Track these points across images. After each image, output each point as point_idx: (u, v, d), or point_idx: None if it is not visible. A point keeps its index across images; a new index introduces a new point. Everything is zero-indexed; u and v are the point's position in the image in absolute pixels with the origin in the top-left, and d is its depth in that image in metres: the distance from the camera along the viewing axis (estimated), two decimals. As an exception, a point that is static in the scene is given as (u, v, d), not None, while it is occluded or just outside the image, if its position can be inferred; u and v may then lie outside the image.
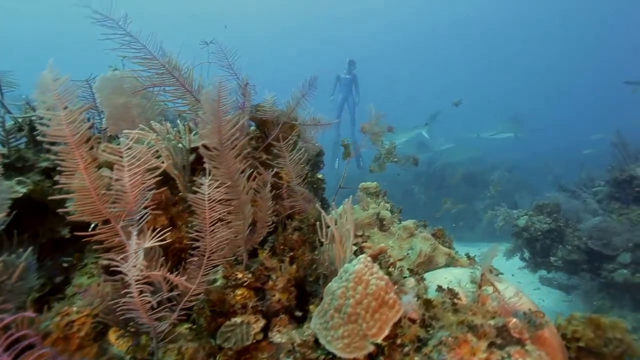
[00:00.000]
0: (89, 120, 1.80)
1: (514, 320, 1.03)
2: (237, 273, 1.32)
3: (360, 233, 2.07)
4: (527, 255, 5.14)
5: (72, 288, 1.29)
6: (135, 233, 0.90)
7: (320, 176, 3.37)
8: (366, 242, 2.02)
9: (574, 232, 4.79)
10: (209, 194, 1.09)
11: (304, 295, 1.49)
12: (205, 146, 1.15)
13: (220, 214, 1.14)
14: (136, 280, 0.87)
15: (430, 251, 1.79)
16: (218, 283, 1.33)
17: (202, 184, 1.11)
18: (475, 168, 12.44)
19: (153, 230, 1.56)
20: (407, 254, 1.82)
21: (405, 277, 1.37)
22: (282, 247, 1.54)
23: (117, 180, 0.95)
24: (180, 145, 1.46)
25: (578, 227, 4.79)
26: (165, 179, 1.50)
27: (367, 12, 33.99)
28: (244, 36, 37.14)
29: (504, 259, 6.00)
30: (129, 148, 0.97)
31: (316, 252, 1.55)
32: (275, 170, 1.61)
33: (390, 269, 1.39)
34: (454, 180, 12.14)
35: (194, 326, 1.39)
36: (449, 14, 32.90)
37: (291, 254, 1.53)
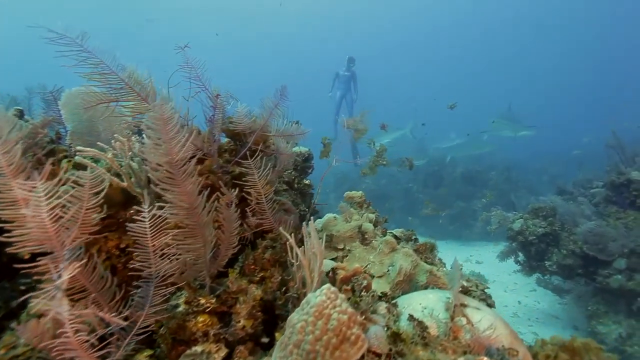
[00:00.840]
0: (57, 133, 1.73)
1: (485, 359, 0.96)
2: (200, 298, 1.26)
3: (341, 247, 2.01)
4: (521, 258, 5.08)
5: (25, 315, 1.23)
6: (62, 268, 0.83)
7: (307, 182, 3.32)
8: (347, 256, 1.95)
9: (569, 236, 4.72)
10: (155, 217, 1.02)
11: (274, 317, 1.43)
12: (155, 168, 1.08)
13: (170, 240, 1.07)
14: (70, 320, 0.80)
15: (411, 269, 1.72)
16: (180, 309, 1.26)
17: (141, 211, 1.04)
18: (473, 167, 12.36)
19: (121, 250, 1.49)
20: (388, 270, 1.76)
21: (377, 303, 1.30)
22: (252, 267, 1.47)
23: (33, 216, 0.88)
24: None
25: (574, 231, 4.72)
26: (133, 196, 1.44)
27: (366, 11, 33.77)
28: (241, 37, 37.04)
29: (497, 260, 5.95)
30: (45, 182, 0.90)
31: (287, 272, 1.48)
32: (245, 186, 1.54)
33: (362, 294, 1.32)
34: (446, 189, 12.07)
35: (157, 351, 1.33)
36: (449, 13, 32.68)
37: (262, 274, 1.47)
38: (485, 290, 2.07)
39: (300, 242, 1.40)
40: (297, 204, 3.10)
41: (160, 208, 1.08)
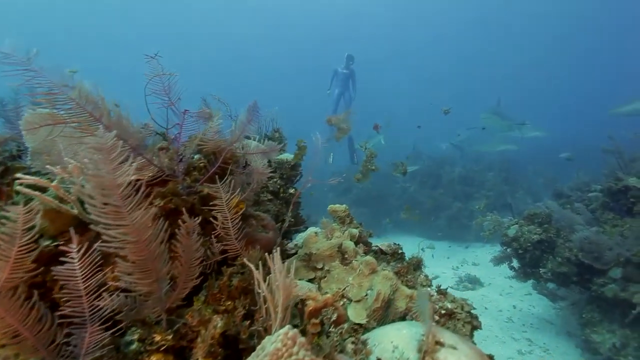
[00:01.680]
0: (18, 150, 1.64)
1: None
2: (155, 335, 1.17)
3: (320, 266, 1.92)
4: (516, 264, 5.00)
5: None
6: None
7: (292, 191, 3.22)
8: (325, 277, 1.87)
9: (565, 242, 4.64)
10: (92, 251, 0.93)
11: (239, 352, 1.35)
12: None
13: (114, 274, 0.98)
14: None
15: (390, 293, 1.63)
16: (133, 347, 1.18)
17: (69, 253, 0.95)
18: (471, 166, 12.26)
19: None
20: (366, 295, 1.67)
21: (346, 340, 1.22)
22: (218, 295, 1.39)
23: None
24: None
25: (569, 238, 4.64)
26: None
27: (364, 10, 33.45)
28: (235, 34, 36.82)
29: (491, 264, 5.88)
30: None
31: (255, 301, 1.40)
32: (213, 209, 1.45)
33: (331, 329, 1.24)
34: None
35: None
36: (448, 12, 32.38)
37: (228, 303, 1.38)
38: (472, 312, 1.99)
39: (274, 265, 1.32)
40: (282, 214, 3.02)
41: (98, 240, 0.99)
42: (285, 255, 2.07)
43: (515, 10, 30.51)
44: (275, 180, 3.06)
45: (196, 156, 1.68)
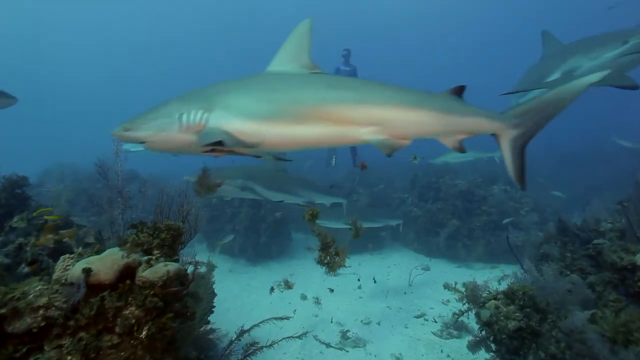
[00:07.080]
0: None
1: None
2: None
3: None
4: (495, 347, 4.12)
5: None
6: None
7: (171, 314, 2.46)
8: None
9: (551, 329, 3.71)
10: None
11: None
12: None
13: None
14: None
15: None
16: None
17: None
18: (474, 179, 11.11)
19: None
20: None
21: None
22: None
23: None
24: None
25: (558, 323, 3.71)
26: None
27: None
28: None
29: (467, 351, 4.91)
30: None
31: None
32: None
33: None
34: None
35: None
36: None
37: None
38: None
39: None
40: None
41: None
42: None
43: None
44: (129, 310, 2.30)
45: None
